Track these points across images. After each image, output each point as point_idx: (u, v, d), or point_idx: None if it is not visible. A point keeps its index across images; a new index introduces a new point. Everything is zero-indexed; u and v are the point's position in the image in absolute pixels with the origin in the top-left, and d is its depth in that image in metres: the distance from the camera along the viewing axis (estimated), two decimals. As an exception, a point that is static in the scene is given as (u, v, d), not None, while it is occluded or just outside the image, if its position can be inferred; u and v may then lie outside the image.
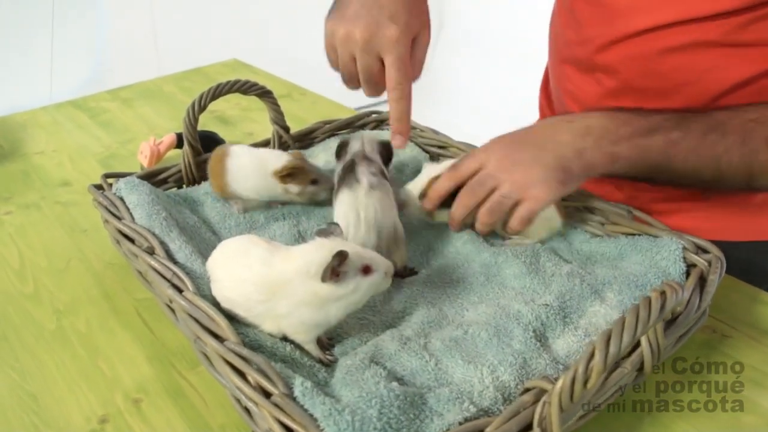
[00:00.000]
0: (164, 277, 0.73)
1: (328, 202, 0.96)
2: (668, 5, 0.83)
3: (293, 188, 0.90)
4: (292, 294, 0.66)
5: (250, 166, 0.90)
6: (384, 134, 1.08)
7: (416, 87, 0.82)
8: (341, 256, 0.65)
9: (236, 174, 0.90)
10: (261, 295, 0.67)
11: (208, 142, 1.23)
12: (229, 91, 0.99)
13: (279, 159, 0.90)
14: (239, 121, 1.39)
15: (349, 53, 0.79)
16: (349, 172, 0.85)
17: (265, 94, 1.03)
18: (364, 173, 0.83)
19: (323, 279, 0.65)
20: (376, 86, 0.82)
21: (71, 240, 1.00)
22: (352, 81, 0.83)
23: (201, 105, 0.98)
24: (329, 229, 0.69)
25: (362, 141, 0.88)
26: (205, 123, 1.36)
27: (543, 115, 1.19)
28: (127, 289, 0.88)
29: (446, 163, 0.85)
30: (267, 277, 0.67)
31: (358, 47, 0.78)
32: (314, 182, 0.91)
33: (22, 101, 1.77)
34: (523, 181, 0.77)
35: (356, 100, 1.28)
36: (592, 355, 0.52)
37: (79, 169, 1.22)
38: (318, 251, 0.66)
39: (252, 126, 1.36)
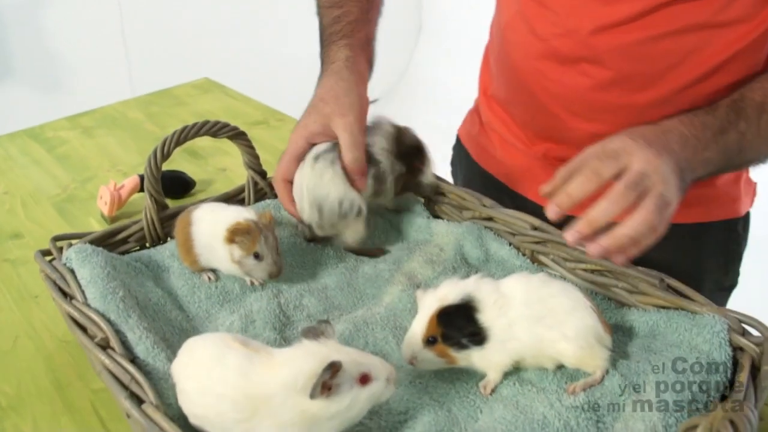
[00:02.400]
0: (120, 383, 0.61)
1: (307, 266, 0.85)
2: None
3: (236, 252, 0.77)
4: (276, 412, 0.55)
5: (218, 236, 0.78)
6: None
7: (397, 86, 0.98)
8: (334, 368, 0.53)
9: (205, 245, 0.79)
10: (239, 414, 0.56)
11: (176, 184, 1.11)
12: (195, 135, 0.88)
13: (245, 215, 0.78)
14: (211, 154, 1.26)
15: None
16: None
17: (237, 136, 0.91)
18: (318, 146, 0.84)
19: (313, 395, 0.54)
20: None
21: (20, 310, 0.88)
22: None
23: (164, 153, 0.86)
24: (318, 329, 0.58)
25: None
26: (173, 158, 1.23)
27: (488, 121, 1.10)
28: (82, 377, 0.76)
29: (443, 290, 0.67)
30: (245, 392, 0.56)
31: None
32: (256, 256, 0.76)
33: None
34: (671, 185, 0.70)
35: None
36: None
37: (33, 217, 1.10)
38: (306, 360, 0.55)
39: (225, 161, 1.24)
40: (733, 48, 0.82)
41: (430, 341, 0.65)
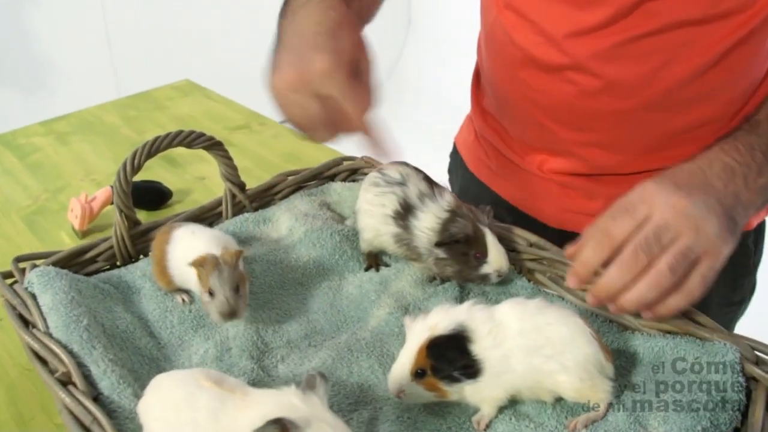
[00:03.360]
0: (82, 424, 0.56)
1: (287, 286, 0.79)
2: None
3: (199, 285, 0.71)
4: (246, 460, 0.50)
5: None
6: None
7: (386, 84, 0.80)
8: (281, 426, 0.48)
9: (179, 267, 0.73)
10: (207, 461, 0.51)
11: (151, 195, 1.06)
12: (168, 147, 0.82)
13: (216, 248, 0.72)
14: (189, 162, 1.20)
15: (290, 102, 0.67)
16: None
17: (213, 147, 0.86)
18: None
19: None
20: (334, 126, 0.68)
21: (-18, 334, 0.82)
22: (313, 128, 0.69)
23: (134, 166, 0.80)
24: (310, 381, 0.53)
25: None
26: (149, 165, 1.17)
27: (482, 133, 1.05)
28: (45, 409, 0.71)
29: (433, 319, 0.61)
30: (215, 437, 0.51)
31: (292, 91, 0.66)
32: (210, 293, 0.68)
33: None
34: (705, 231, 0.63)
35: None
36: None
37: (0, 231, 1.04)
38: (273, 406, 0.50)
39: (204, 168, 1.18)
40: (729, 40, 0.77)
41: (418, 374, 0.60)
